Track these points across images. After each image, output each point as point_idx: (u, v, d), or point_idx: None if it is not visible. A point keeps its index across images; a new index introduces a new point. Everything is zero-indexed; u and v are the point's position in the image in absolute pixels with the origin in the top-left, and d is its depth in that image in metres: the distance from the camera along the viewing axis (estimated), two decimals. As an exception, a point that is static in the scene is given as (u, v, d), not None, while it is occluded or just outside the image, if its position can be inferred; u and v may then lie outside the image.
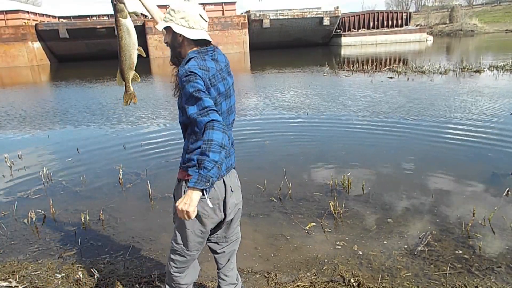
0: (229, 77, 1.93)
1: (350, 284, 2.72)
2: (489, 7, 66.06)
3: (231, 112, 1.98)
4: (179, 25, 1.81)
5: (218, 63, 1.86)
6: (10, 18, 33.70)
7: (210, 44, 1.89)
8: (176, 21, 1.81)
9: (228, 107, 1.92)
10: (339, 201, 3.99)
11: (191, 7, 1.83)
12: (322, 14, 37.16)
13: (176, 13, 1.80)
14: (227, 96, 1.89)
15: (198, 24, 1.82)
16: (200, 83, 1.70)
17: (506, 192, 4.03)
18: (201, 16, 1.83)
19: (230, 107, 1.95)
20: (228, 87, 1.90)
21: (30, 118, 9.63)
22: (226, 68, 1.93)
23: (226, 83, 1.88)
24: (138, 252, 3.31)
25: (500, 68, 14.13)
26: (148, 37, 34.80)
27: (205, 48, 1.85)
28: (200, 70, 1.73)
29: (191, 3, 1.86)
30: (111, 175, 5.20)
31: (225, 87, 1.87)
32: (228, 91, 1.90)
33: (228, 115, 1.95)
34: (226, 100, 1.89)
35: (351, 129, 7.15)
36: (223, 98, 1.87)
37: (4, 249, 3.45)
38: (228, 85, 1.90)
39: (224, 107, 1.88)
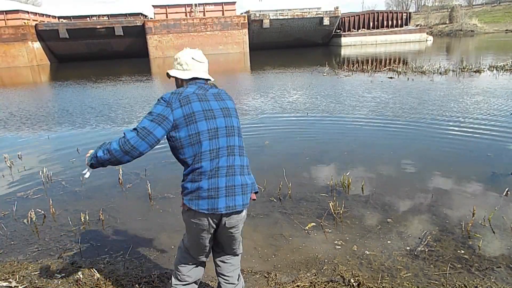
0: (220, 119, 1.99)
1: (350, 284, 2.72)
2: (489, 7, 66.06)
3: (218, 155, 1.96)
4: (175, 69, 2.14)
5: (207, 102, 2.00)
6: (10, 18, 33.72)
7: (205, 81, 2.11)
8: (174, 67, 2.15)
9: (212, 148, 1.95)
10: (339, 201, 3.99)
11: (186, 53, 2.12)
12: (322, 14, 37.17)
13: (175, 61, 2.15)
14: (211, 137, 1.95)
15: (191, 66, 2.09)
16: (157, 108, 1.95)
17: (506, 192, 4.03)
18: (193, 59, 2.10)
19: (217, 148, 1.96)
20: (215, 127, 1.97)
21: (30, 118, 9.63)
22: (224, 113, 2.03)
23: (212, 123, 1.96)
24: (138, 252, 3.31)
25: (500, 68, 14.14)
26: (148, 37, 34.80)
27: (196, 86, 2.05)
28: (174, 95, 1.99)
29: (188, 50, 2.13)
30: (111, 175, 5.20)
31: (209, 126, 1.95)
32: (213, 132, 1.96)
33: (216, 157, 1.95)
34: (210, 140, 1.94)
35: (351, 129, 7.15)
36: (206, 136, 1.94)
37: (4, 249, 3.45)
38: (216, 126, 1.97)
39: (206, 147, 1.93)
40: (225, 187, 1.94)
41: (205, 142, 1.94)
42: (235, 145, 2.03)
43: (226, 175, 1.95)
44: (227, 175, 1.95)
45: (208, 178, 1.92)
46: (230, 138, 2.01)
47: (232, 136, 2.02)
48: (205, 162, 1.93)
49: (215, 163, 1.94)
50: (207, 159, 1.93)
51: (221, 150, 1.96)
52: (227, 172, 1.96)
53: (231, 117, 2.05)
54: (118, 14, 42.37)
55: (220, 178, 1.93)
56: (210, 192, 1.92)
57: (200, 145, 1.93)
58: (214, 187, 1.92)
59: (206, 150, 1.93)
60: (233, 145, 2.02)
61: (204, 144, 1.93)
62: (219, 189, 1.93)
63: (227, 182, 1.95)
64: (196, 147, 1.94)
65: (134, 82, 16.91)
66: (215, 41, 35.89)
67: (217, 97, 2.06)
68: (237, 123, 2.09)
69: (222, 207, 1.93)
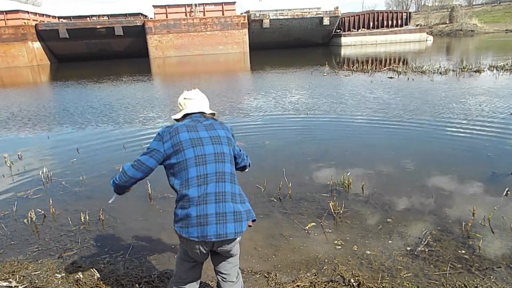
0: (208, 146, 2.04)
1: (350, 284, 2.72)
2: (489, 7, 66.04)
3: (206, 182, 1.98)
4: (175, 113, 2.33)
5: (197, 132, 2.08)
6: (10, 18, 33.71)
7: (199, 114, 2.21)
8: (177, 111, 2.34)
9: (200, 174, 1.98)
10: (339, 201, 3.99)
11: (181, 96, 2.30)
12: (322, 14, 37.16)
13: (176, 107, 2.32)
14: (199, 163, 2.00)
15: (184, 105, 2.25)
16: (152, 144, 2.09)
17: (506, 192, 4.03)
18: (185, 98, 2.26)
19: (205, 174, 1.99)
20: (203, 154, 2.01)
21: (31, 118, 9.63)
22: (213, 141, 2.07)
23: (199, 150, 2.02)
24: (138, 252, 3.31)
25: (500, 68, 14.14)
26: (148, 37, 34.79)
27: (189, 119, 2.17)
28: (166, 128, 2.10)
29: (183, 93, 2.30)
30: (111, 175, 5.19)
31: (196, 153, 2.01)
32: (200, 158, 2.00)
33: (204, 183, 1.98)
34: (197, 166, 1.99)
35: (351, 129, 7.15)
36: (193, 162, 2.00)
37: (4, 249, 3.45)
38: (203, 152, 2.02)
39: (193, 173, 1.98)
40: (215, 214, 1.93)
41: (192, 169, 1.99)
42: (225, 172, 2.03)
43: (215, 202, 1.95)
44: (217, 202, 1.95)
45: (196, 205, 1.94)
46: (219, 164, 2.02)
47: (221, 162, 2.03)
48: (193, 188, 1.96)
49: (203, 190, 1.96)
50: (195, 185, 1.96)
51: (209, 176, 1.98)
52: (216, 198, 1.96)
53: (221, 144, 2.08)
54: (118, 14, 42.36)
55: (209, 204, 1.94)
56: (200, 219, 1.93)
57: (187, 172, 1.99)
58: (203, 214, 1.93)
59: (193, 176, 1.98)
60: (222, 171, 2.02)
61: (191, 170, 1.99)
62: (208, 216, 1.92)
63: (217, 209, 1.94)
64: (183, 174, 2.00)
65: (134, 82, 16.91)
66: (215, 41, 35.88)
67: (208, 127, 2.12)
68: (228, 150, 2.10)
69: (212, 234, 1.92)
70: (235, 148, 2.23)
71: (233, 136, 2.23)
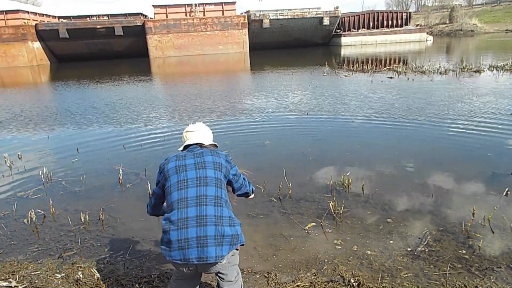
0: (191, 172, 2.14)
1: (350, 284, 2.72)
2: (489, 7, 66.05)
3: (186, 205, 2.05)
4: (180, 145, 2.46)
5: (184, 160, 2.21)
6: (10, 18, 33.70)
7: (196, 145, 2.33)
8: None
9: (180, 197, 2.08)
10: (339, 201, 3.99)
11: (184, 130, 2.44)
12: (322, 14, 37.16)
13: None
14: (180, 187, 2.11)
15: (185, 139, 2.39)
16: (157, 176, 2.33)
17: (506, 192, 4.03)
18: (187, 131, 2.40)
19: (186, 198, 2.07)
20: (184, 178, 2.12)
21: (30, 118, 9.63)
22: (197, 166, 2.16)
23: (182, 176, 2.13)
24: (138, 252, 3.31)
25: (500, 68, 14.14)
26: (148, 37, 34.78)
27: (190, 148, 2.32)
28: (163, 161, 2.32)
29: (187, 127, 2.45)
30: (111, 175, 5.20)
31: (179, 178, 2.13)
32: (182, 183, 2.12)
33: (185, 207, 2.05)
34: (179, 190, 2.10)
35: (351, 129, 7.15)
36: (175, 187, 2.12)
37: (4, 249, 3.45)
38: (186, 177, 2.12)
39: (175, 197, 2.09)
40: (196, 238, 1.97)
41: (174, 193, 2.09)
42: (207, 195, 2.05)
43: (196, 226, 1.98)
44: (198, 226, 1.98)
45: (177, 229, 2.00)
46: (200, 188, 2.07)
47: (203, 186, 2.07)
48: (174, 212, 2.04)
49: (184, 213, 2.01)
50: (175, 209, 2.04)
51: (190, 200, 2.04)
52: (197, 222, 1.99)
53: (205, 168, 2.13)
54: (118, 14, 42.35)
55: (190, 228, 1.98)
56: (181, 243, 1.98)
57: (170, 196, 2.10)
58: (184, 238, 1.97)
59: (175, 200, 2.07)
60: (204, 195, 2.05)
61: (173, 194, 2.09)
62: (189, 240, 1.97)
63: (198, 233, 1.97)
64: (168, 198, 2.12)
65: (135, 82, 16.91)
66: (215, 41, 35.88)
67: (197, 155, 2.21)
68: (213, 174, 2.13)
69: (194, 257, 1.97)
70: (229, 173, 2.26)
71: (229, 162, 2.28)
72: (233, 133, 7.20)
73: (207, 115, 8.87)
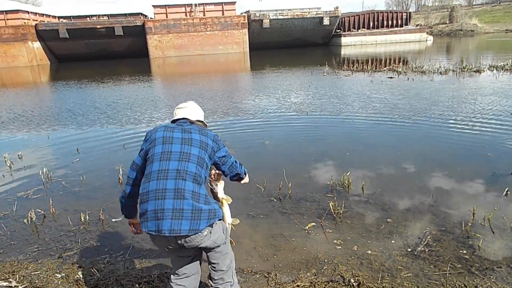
0: (176, 145, 2.13)
1: (350, 284, 2.72)
2: (489, 7, 66.07)
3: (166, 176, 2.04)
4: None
5: (172, 132, 2.18)
6: (10, 18, 33.71)
7: (185, 120, 2.31)
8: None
9: (161, 168, 2.06)
10: (339, 201, 3.98)
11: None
12: (322, 14, 37.16)
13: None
14: (163, 158, 2.09)
15: (175, 114, 2.39)
16: (142, 144, 2.25)
17: (506, 192, 4.03)
18: (177, 107, 2.42)
19: (166, 170, 2.05)
20: (169, 151, 2.10)
21: (30, 118, 9.63)
22: (184, 141, 2.15)
23: (167, 147, 2.12)
24: (138, 252, 3.31)
25: (500, 68, 14.14)
26: (148, 37, 34.78)
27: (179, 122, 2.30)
28: (150, 131, 2.27)
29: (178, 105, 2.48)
30: (111, 175, 5.20)
31: (163, 149, 2.11)
32: (165, 154, 2.10)
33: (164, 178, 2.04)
34: (161, 161, 2.08)
35: (351, 129, 7.15)
36: (158, 157, 2.10)
37: (4, 249, 3.45)
38: (170, 149, 2.11)
39: (156, 167, 2.07)
40: (171, 210, 1.97)
41: (156, 163, 2.08)
42: (187, 170, 2.05)
43: (174, 198, 1.99)
44: (175, 198, 1.99)
45: (155, 199, 1.99)
46: (182, 163, 2.06)
47: (185, 161, 2.07)
48: (152, 182, 2.03)
49: (162, 184, 2.01)
50: (154, 179, 2.03)
51: (170, 172, 2.04)
52: (175, 194, 1.99)
53: (191, 146, 2.12)
54: (118, 14, 42.35)
55: (167, 200, 1.98)
56: (157, 213, 1.98)
57: (151, 165, 2.09)
58: (160, 208, 1.97)
59: (155, 169, 2.06)
60: (185, 170, 2.05)
61: (155, 164, 2.08)
62: (165, 211, 1.97)
63: (174, 205, 1.97)
64: (149, 167, 2.10)
65: (135, 82, 16.91)
66: (215, 41, 35.88)
67: (185, 130, 2.19)
68: (198, 152, 2.12)
69: (166, 229, 1.97)
70: (214, 154, 2.24)
71: (216, 143, 2.25)
72: (233, 132, 7.20)
73: (207, 115, 8.87)
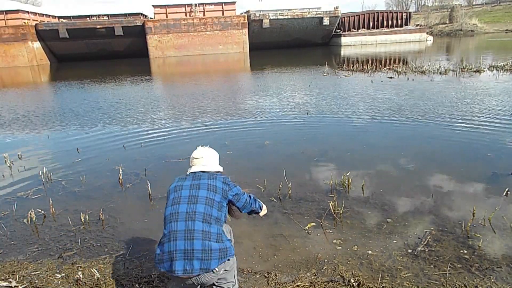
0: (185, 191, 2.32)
1: (350, 284, 2.72)
2: (489, 7, 66.09)
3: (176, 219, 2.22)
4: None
5: (183, 181, 2.40)
6: (10, 18, 33.73)
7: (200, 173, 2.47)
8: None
9: (172, 212, 2.25)
10: (339, 201, 3.99)
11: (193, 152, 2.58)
12: (322, 14, 37.17)
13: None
14: (173, 203, 2.30)
15: (191, 164, 2.55)
16: None
17: (506, 192, 4.03)
18: (193, 157, 2.54)
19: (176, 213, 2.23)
20: (178, 196, 2.31)
21: (30, 118, 9.63)
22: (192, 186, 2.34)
23: (177, 194, 2.33)
24: (138, 252, 3.31)
25: (500, 68, 14.14)
26: (148, 37, 34.79)
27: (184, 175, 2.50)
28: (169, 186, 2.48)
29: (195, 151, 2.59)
30: (111, 175, 5.20)
31: (174, 196, 2.34)
32: (175, 200, 2.31)
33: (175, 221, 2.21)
34: (172, 206, 2.28)
35: (351, 129, 7.15)
36: (170, 203, 2.33)
37: (4, 249, 3.45)
38: (180, 195, 2.31)
39: (168, 211, 2.28)
40: (183, 250, 2.12)
41: (168, 208, 2.29)
42: (196, 211, 2.20)
43: (184, 239, 2.14)
44: (186, 239, 2.13)
45: (168, 241, 2.17)
46: (190, 205, 2.23)
47: (194, 203, 2.24)
48: (167, 225, 2.23)
49: (174, 226, 2.18)
50: (168, 222, 2.23)
51: (180, 215, 2.21)
52: (185, 236, 2.13)
53: (199, 189, 2.31)
54: (118, 14, 42.35)
55: (178, 241, 2.14)
56: (171, 254, 2.14)
57: (165, 211, 2.31)
58: (173, 249, 2.13)
59: (168, 214, 2.26)
60: (193, 211, 2.20)
61: (167, 209, 2.29)
62: (177, 252, 2.12)
63: (185, 246, 2.12)
64: (164, 213, 2.32)
65: (134, 82, 16.90)
66: (215, 41, 35.89)
67: (195, 177, 2.39)
68: (206, 193, 2.29)
69: (179, 269, 2.10)
70: (227, 194, 2.38)
71: (227, 184, 2.40)
72: (233, 133, 7.20)
73: (207, 115, 8.87)
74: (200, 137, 7.01)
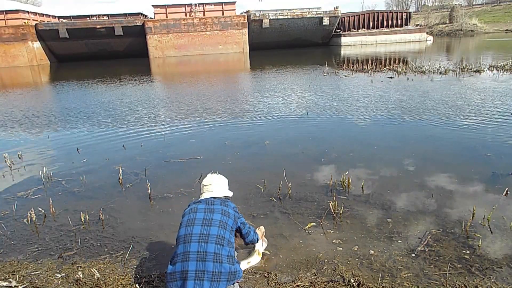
0: (200, 213, 2.51)
1: (350, 284, 2.72)
2: (489, 7, 66.10)
3: (190, 240, 2.38)
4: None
5: (197, 205, 2.60)
6: (10, 18, 33.76)
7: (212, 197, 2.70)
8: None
9: (186, 233, 2.42)
10: (339, 201, 3.99)
11: (203, 180, 2.82)
12: (322, 14, 37.20)
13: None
14: (188, 224, 2.47)
15: (202, 191, 2.78)
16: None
17: (506, 192, 4.03)
18: (203, 184, 2.77)
19: (190, 234, 2.40)
20: (193, 218, 2.49)
21: (30, 118, 9.63)
22: (206, 210, 2.53)
23: (192, 216, 2.52)
24: (138, 252, 3.31)
25: (500, 68, 14.14)
26: (147, 37, 34.79)
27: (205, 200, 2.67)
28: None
29: (205, 178, 2.83)
30: (111, 175, 5.20)
31: (189, 217, 2.52)
32: (189, 221, 2.49)
33: (187, 241, 2.38)
34: (186, 227, 2.46)
35: (351, 129, 7.15)
36: (184, 224, 2.50)
37: (4, 249, 3.45)
38: (194, 217, 2.49)
39: (182, 232, 2.46)
40: (194, 271, 2.25)
41: (182, 229, 2.46)
42: (209, 234, 2.33)
43: (196, 260, 2.27)
44: (198, 260, 2.25)
45: (181, 261, 2.29)
46: (204, 227, 2.39)
47: (208, 226, 2.40)
48: (180, 245, 2.36)
49: (187, 247, 2.32)
50: (181, 243, 2.37)
51: (194, 236, 2.35)
52: (197, 257, 2.26)
53: (213, 213, 2.50)
54: (118, 14, 42.36)
55: (190, 261, 2.27)
56: (183, 274, 2.26)
57: (179, 231, 2.48)
58: (185, 269, 2.25)
59: (181, 235, 2.42)
60: (207, 233, 2.34)
61: (181, 230, 2.46)
62: (189, 272, 2.24)
63: (197, 267, 2.25)
64: (177, 233, 2.49)
65: (134, 82, 16.90)
66: (215, 41, 35.91)
67: (209, 202, 2.58)
68: (220, 217, 2.48)
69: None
70: (237, 221, 2.61)
71: (237, 212, 2.64)
72: (233, 133, 7.19)
73: (207, 115, 8.87)
74: (200, 137, 7.02)
